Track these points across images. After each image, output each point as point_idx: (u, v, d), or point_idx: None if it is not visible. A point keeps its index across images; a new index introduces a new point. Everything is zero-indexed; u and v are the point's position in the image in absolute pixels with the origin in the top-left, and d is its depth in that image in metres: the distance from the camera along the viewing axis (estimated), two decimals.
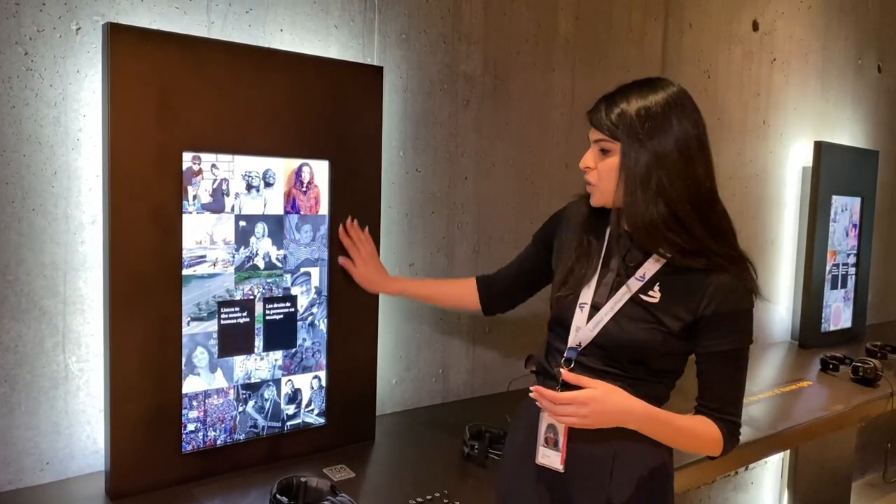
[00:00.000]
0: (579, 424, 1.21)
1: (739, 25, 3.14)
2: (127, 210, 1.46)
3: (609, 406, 1.20)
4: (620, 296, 1.27)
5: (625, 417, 1.22)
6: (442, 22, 2.13)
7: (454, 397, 2.29)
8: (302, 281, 1.74)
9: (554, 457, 1.30)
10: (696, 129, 1.24)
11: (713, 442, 1.28)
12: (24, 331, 1.51)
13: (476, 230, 2.29)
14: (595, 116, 1.28)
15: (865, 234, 3.69)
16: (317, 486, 1.48)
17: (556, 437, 1.29)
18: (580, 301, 1.31)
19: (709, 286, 1.24)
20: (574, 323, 1.31)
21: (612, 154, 1.26)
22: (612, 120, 1.24)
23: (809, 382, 2.79)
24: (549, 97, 2.43)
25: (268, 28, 1.78)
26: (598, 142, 1.28)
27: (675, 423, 1.26)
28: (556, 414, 1.21)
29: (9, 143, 1.46)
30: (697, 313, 1.24)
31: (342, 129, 1.76)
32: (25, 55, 1.46)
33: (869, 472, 3.89)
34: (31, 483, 1.54)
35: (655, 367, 1.28)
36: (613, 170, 1.26)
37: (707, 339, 1.26)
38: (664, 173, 1.21)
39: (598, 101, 1.30)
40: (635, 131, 1.22)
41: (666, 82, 1.27)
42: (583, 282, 1.32)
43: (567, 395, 1.19)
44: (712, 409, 1.28)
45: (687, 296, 1.24)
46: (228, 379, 1.65)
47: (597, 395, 1.19)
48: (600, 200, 1.31)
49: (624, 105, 1.24)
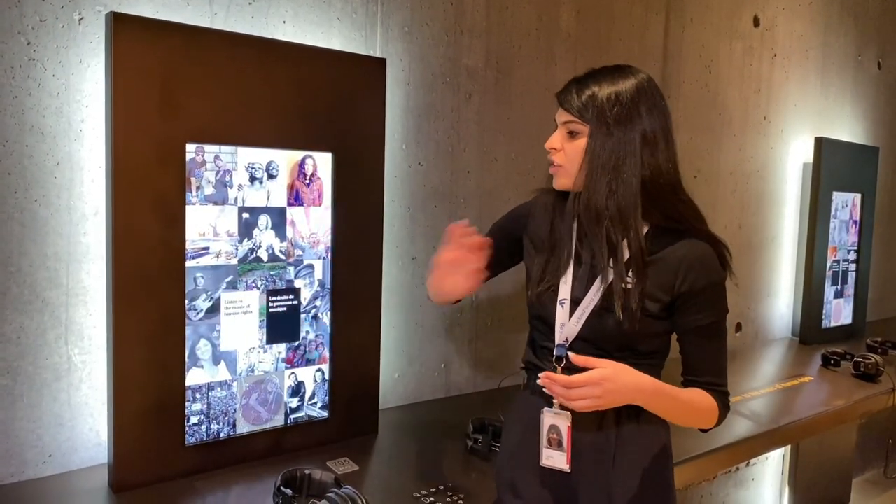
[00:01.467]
0: (593, 407, 1.19)
1: (740, 21, 3.14)
2: (130, 201, 1.46)
3: (620, 384, 1.19)
4: (597, 286, 1.27)
5: (635, 395, 1.21)
6: (444, 15, 2.12)
7: (456, 392, 2.29)
8: (305, 274, 1.73)
9: (559, 457, 1.29)
10: (663, 119, 1.26)
11: (710, 412, 1.29)
12: (27, 322, 1.50)
13: (478, 224, 2.25)
14: (565, 98, 1.28)
15: (866, 231, 3.69)
16: (321, 478, 1.48)
17: (559, 438, 1.28)
18: (559, 298, 1.30)
19: (681, 263, 1.25)
20: (557, 320, 1.30)
21: (579, 136, 1.26)
22: (583, 102, 1.25)
23: (810, 378, 2.79)
24: (551, 91, 2.39)
25: (270, 20, 1.77)
26: (566, 123, 1.28)
27: (681, 397, 1.27)
28: (570, 399, 1.18)
29: (11, 134, 1.45)
30: (674, 292, 1.25)
31: (345, 121, 1.76)
32: (28, 45, 1.45)
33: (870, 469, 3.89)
34: (34, 476, 1.53)
35: (642, 349, 1.28)
36: (580, 152, 1.26)
37: (686, 316, 1.27)
38: (628, 159, 1.22)
39: (569, 83, 1.31)
40: (604, 115, 1.23)
41: (636, 70, 1.29)
42: (559, 276, 1.32)
43: (580, 378, 1.17)
44: (702, 383, 1.30)
45: (661, 276, 1.25)
46: (232, 371, 1.64)
47: (608, 374, 1.18)
48: (565, 183, 1.31)
49: (595, 89, 1.25)
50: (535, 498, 1.34)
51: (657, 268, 1.25)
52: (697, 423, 1.31)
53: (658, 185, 1.24)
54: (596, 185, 1.24)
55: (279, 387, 1.72)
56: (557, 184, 1.33)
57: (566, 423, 1.28)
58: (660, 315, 1.26)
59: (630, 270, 1.24)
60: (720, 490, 3.09)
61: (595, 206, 1.24)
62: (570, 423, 1.28)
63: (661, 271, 1.25)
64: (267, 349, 1.69)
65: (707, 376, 1.30)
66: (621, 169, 1.22)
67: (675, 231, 1.27)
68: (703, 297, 1.26)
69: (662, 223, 1.26)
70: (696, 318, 1.27)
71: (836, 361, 2.93)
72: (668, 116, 1.28)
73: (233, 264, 1.62)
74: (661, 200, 1.25)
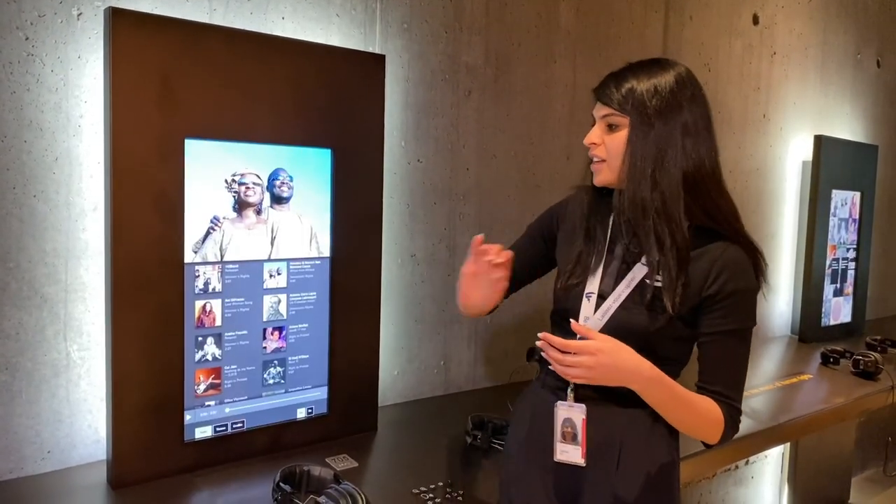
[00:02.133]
0: (583, 377, 1.17)
1: (740, 19, 3.14)
2: (129, 197, 1.45)
3: (617, 360, 1.16)
4: (627, 282, 1.26)
5: (631, 376, 1.18)
6: (444, 11, 2.12)
7: (455, 389, 2.28)
8: (304, 271, 1.73)
9: (573, 451, 1.25)
10: (703, 110, 1.25)
11: (714, 423, 1.24)
12: (26, 318, 1.50)
13: (477, 221, 2.28)
14: (603, 92, 1.27)
15: (865, 229, 3.69)
16: (320, 475, 1.47)
17: (573, 431, 1.25)
18: (587, 290, 1.29)
19: (713, 264, 1.23)
20: (582, 313, 1.28)
21: (620, 129, 1.25)
22: (622, 94, 1.23)
23: (810, 376, 2.79)
24: (551, 88, 2.42)
25: (269, 16, 1.77)
26: (606, 117, 1.26)
27: (680, 393, 1.22)
28: (562, 363, 1.16)
29: (10, 129, 1.45)
30: (702, 293, 1.23)
31: (344, 117, 1.76)
32: (26, 40, 1.45)
33: (869, 467, 3.89)
34: (33, 472, 1.53)
35: (662, 353, 1.25)
36: (621, 145, 1.24)
37: (710, 319, 1.23)
38: (670, 151, 1.21)
39: (606, 77, 1.29)
40: (645, 107, 1.22)
41: (673, 62, 1.28)
42: (589, 270, 1.30)
43: (576, 343, 1.16)
44: (713, 391, 1.25)
45: (692, 276, 1.23)
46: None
47: (605, 348, 1.16)
48: (608, 178, 1.28)
49: (634, 82, 1.24)
50: (541, 491, 1.32)
51: (690, 266, 1.23)
52: (698, 430, 1.26)
53: (700, 177, 1.22)
54: (640, 177, 1.22)
55: (279, 382, 1.72)
56: (599, 180, 1.30)
57: (581, 416, 1.25)
58: (685, 317, 1.24)
59: (672, 264, 1.22)
60: (720, 488, 3.09)
61: (641, 199, 1.22)
62: (584, 416, 1.25)
63: (693, 272, 1.23)
64: (267, 346, 1.69)
65: (718, 385, 1.25)
66: (664, 160, 1.21)
67: (712, 232, 1.24)
68: (730, 302, 1.22)
69: (702, 221, 1.24)
70: (719, 322, 1.23)
71: (836, 359, 2.93)
72: (709, 107, 1.26)
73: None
74: (703, 195, 1.23)
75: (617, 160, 1.25)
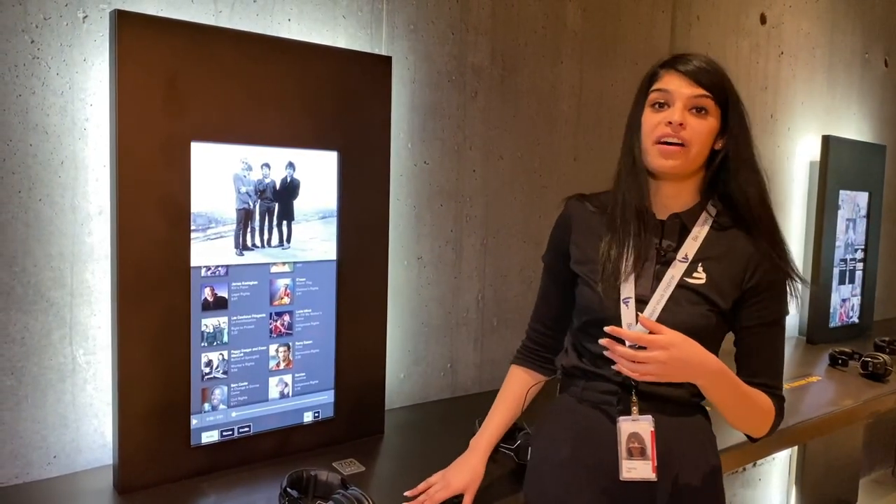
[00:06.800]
0: (655, 374, 1.10)
1: (747, 18, 3.12)
2: (135, 200, 1.44)
3: (688, 353, 1.10)
4: (667, 283, 1.21)
5: (700, 370, 1.13)
6: (450, 13, 2.11)
7: (462, 392, 2.27)
8: (311, 273, 1.72)
9: (643, 467, 1.19)
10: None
11: (768, 414, 1.21)
12: (31, 322, 1.49)
13: (484, 223, 2.27)
14: (692, 71, 1.18)
15: (873, 229, 3.67)
16: (327, 479, 1.46)
17: (641, 445, 1.20)
18: (623, 297, 1.22)
19: (750, 257, 1.21)
20: (623, 320, 1.21)
21: (709, 114, 1.18)
22: (718, 78, 1.18)
23: (818, 378, 2.77)
24: (558, 89, 2.41)
25: (275, 17, 1.76)
26: (697, 98, 1.17)
27: (743, 388, 1.18)
28: (635, 359, 1.10)
29: (15, 133, 1.44)
30: (742, 286, 1.21)
31: (350, 119, 1.75)
32: (32, 43, 1.44)
33: (877, 469, 3.87)
34: (39, 477, 1.52)
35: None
36: (710, 132, 1.18)
37: (751, 310, 1.22)
38: (749, 138, 1.22)
39: (681, 56, 1.21)
40: (735, 96, 1.19)
41: None
42: (619, 277, 1.23)
43: (650, 337, 1.09)
44: (759, 384, 1.22)
45: (730, 270, 1.21)
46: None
47: (676, 341, 1.10)
48: (681, 165, 1.19)
49: (714, 65, 1.20)
50: None
51: (726, 260, 1.21)
52: (753, 422, 1.23)
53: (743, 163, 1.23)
54: (755, 167, 1.22)
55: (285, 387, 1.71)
56: (671, 165, 1.19)
57: (650, 429, 1.20)
58: (728, 312, 1.21)
59: (699, 265, 1.21)
60: (727, 490, 3.06)
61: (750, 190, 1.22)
62: (652, 428, 1.20)
63: (730, 264, 1.21)
64: (272, 348, 1.68)
65: (764, 377, 1.23)
66: (752, 148, 1.22)
67: (743, 220, 1.23)
68: (773, 293, 1.21)
69: (735, 199, 1.23)
70: (762, 313, 1.21)
71: (844, 361, 2.91)
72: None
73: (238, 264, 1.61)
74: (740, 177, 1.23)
75: (698, 146, 1.18)
